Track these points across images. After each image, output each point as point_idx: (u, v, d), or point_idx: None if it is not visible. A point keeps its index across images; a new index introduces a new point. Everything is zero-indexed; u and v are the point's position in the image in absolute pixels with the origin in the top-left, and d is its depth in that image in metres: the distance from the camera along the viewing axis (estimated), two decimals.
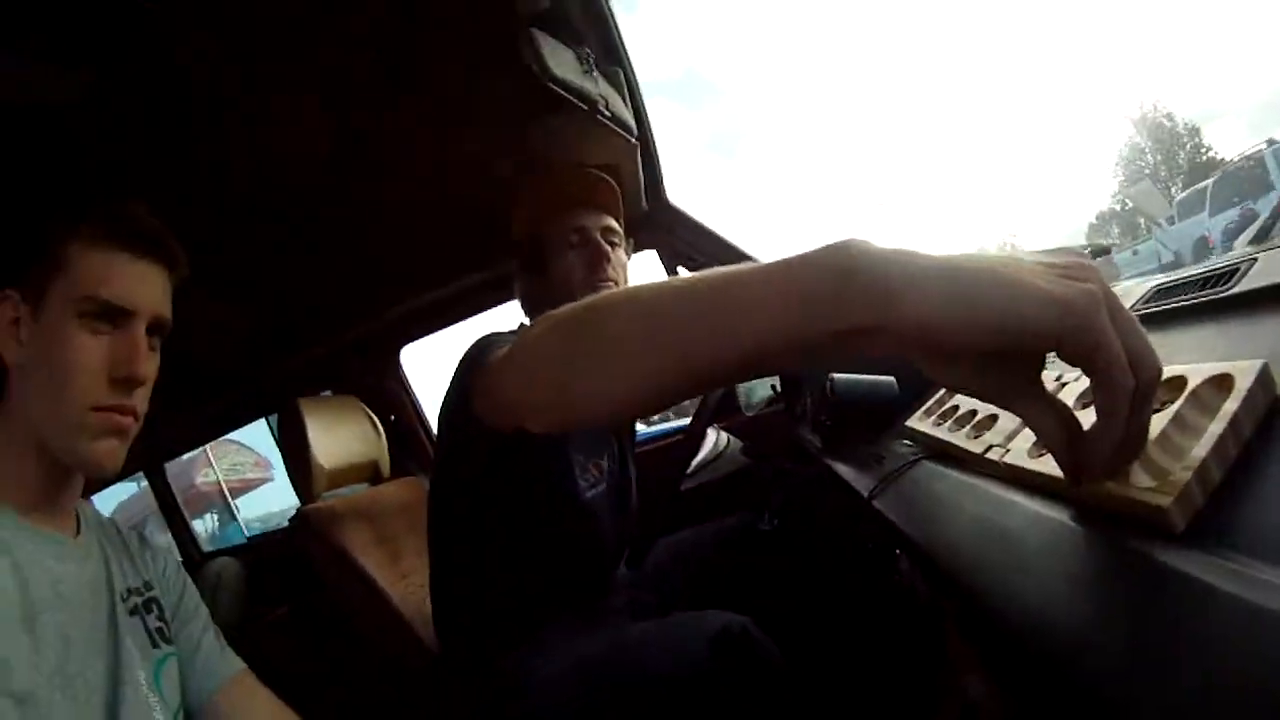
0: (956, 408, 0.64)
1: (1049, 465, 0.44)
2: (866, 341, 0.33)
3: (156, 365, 0.66)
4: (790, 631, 0.86)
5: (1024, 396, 0.36)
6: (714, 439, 1.52)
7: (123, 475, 0.66)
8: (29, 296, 0.62)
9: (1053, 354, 0.33)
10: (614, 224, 1.07)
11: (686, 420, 1.55)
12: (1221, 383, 0.37)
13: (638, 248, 1.43)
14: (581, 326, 0.44)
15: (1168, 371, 0.41)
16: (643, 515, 1.20)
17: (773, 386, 1.52)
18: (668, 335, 0.39)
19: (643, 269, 1.68)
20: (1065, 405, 0.35)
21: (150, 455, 2.41)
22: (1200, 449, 0.34)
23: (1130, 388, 0.31)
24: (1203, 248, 8.26)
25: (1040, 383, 0.36)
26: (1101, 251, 0.96)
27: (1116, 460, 0.34)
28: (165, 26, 0.72)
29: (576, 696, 0.85)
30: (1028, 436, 0.49)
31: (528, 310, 1.12)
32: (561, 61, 0.91)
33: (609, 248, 1.03)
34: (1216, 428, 0.35)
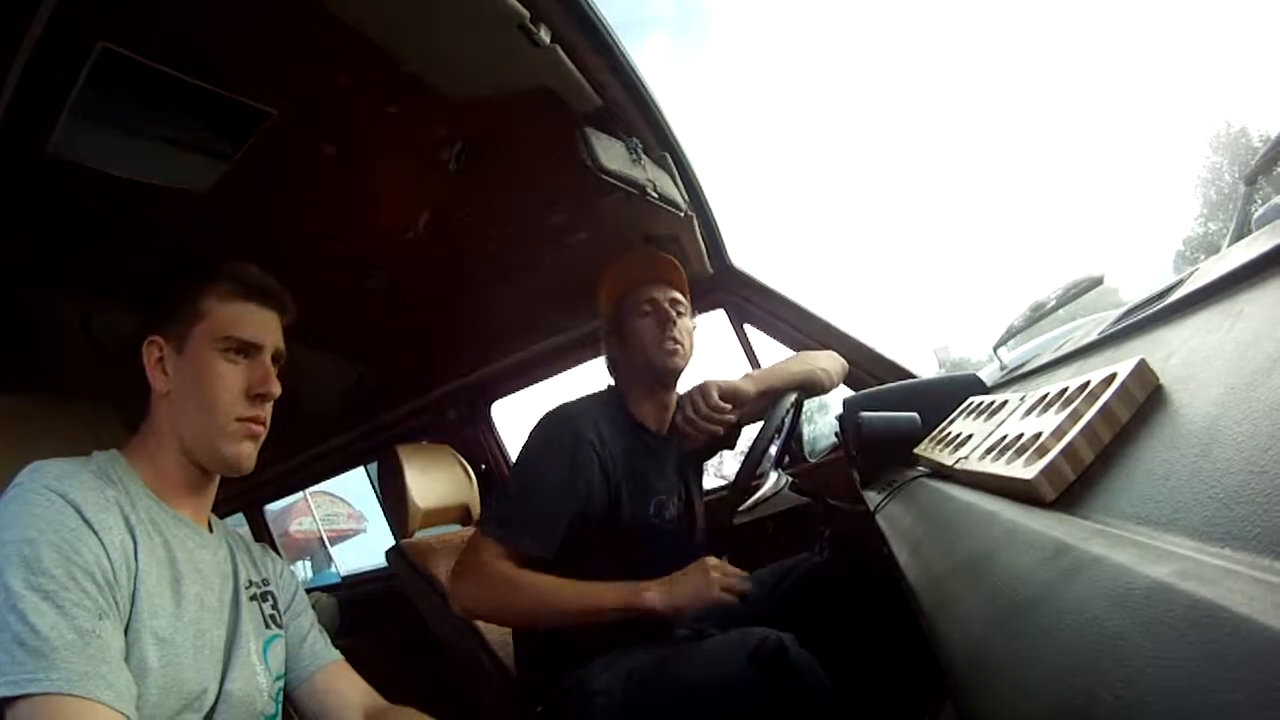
0: (949, 434, 0.69)
1: (988, 465, 0.49)
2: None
3: (279, 386, 0.79)
4: (835, 650, 0.89)
5: None
6: (774, 479, 1.56)
7: (223, 515, 0.82)
8: (171, 339, 0.76)
9: None
10: (679, 296, 1.24)
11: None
12: (1110, 380, 0.42)
13: (708, 308, 1.63)
14: (510, 589, 1.00)
15: (1079, 379, 0.46)
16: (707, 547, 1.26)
17: (835, 434, 1.54)
18: (543, 611, 0.99)
19: (712, 326, 1.77)
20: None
21: (251, 496, 2.60)
22: (1074, 434, 0.40)
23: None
24: None
25: None
26: (1095, 283, 1.00)
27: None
28: (287, 133, 0.92)
29: (626, 704, 0.93)
30: (981, 449, 0.54)
31: (611, 367, 1.29)
32: (612, 154, 1.05)
33: (675, 315, 1.20)
34: (1090, 415, 0.40)
